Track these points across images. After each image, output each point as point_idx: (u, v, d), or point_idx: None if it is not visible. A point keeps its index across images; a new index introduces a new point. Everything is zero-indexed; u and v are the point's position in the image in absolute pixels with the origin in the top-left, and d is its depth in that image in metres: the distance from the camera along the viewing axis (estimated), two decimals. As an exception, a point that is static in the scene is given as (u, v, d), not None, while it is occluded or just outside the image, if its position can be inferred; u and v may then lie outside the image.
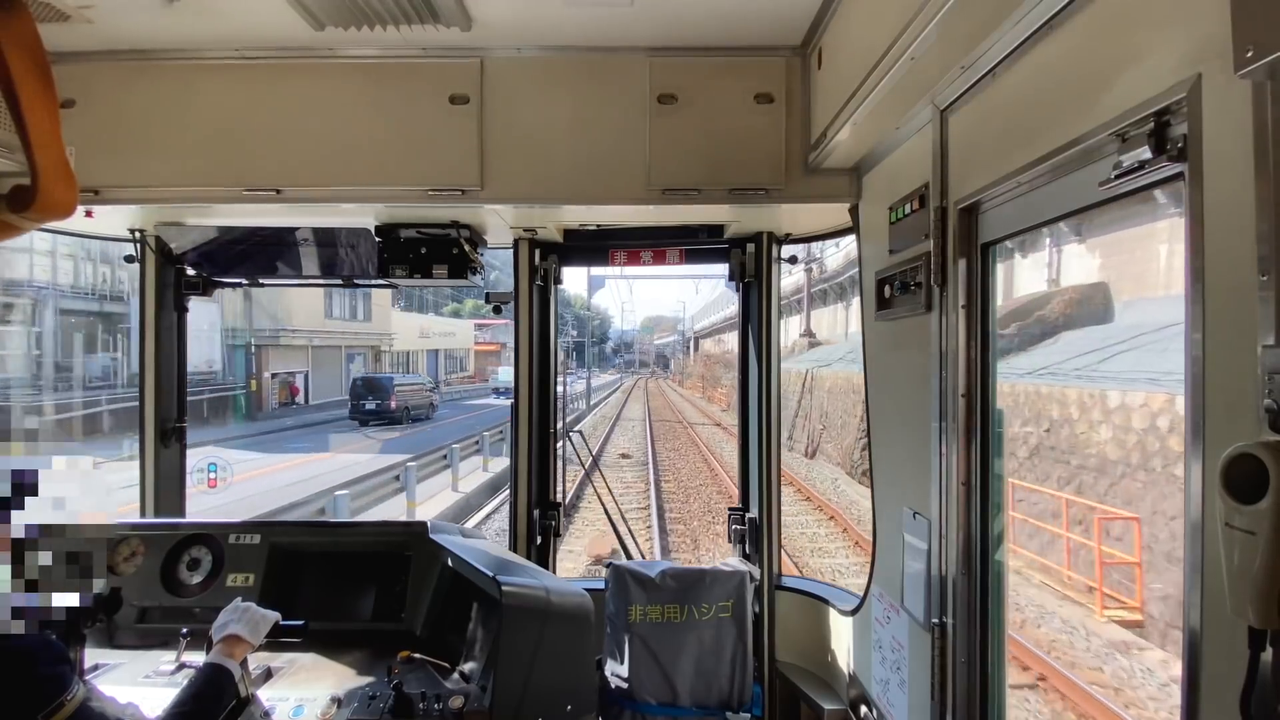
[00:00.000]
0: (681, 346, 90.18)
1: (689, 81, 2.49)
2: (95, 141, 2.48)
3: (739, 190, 2.51)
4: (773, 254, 3.07)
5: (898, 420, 2.24)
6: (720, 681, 2.65)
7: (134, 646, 2.32)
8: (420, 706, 1.93)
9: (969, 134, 1.72)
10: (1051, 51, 1.38)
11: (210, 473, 4.53)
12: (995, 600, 1.77)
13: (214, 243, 2.99)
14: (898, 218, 2.08)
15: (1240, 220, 0.95)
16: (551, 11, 2.26)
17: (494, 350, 60.69)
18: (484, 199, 2.54)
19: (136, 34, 2.41)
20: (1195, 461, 1.03)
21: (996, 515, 1.77)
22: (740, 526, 3.19)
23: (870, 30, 1.81)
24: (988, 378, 1.76)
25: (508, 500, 3.27)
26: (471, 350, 59.81)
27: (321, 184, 2.53)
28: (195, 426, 17.86)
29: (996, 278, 1.78)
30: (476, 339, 61.31)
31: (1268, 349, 0.90)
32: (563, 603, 2.09)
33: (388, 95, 2.51)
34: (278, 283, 3.25)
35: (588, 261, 3.30)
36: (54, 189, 1.45)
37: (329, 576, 2.52)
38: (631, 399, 45.73)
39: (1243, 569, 0.85)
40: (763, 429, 3.09)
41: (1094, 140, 1.25)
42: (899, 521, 2.14)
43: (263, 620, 1.93)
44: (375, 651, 2.24)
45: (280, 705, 1.94)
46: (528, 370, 3.13)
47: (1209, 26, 0.99)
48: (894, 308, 2.14)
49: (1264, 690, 0.87)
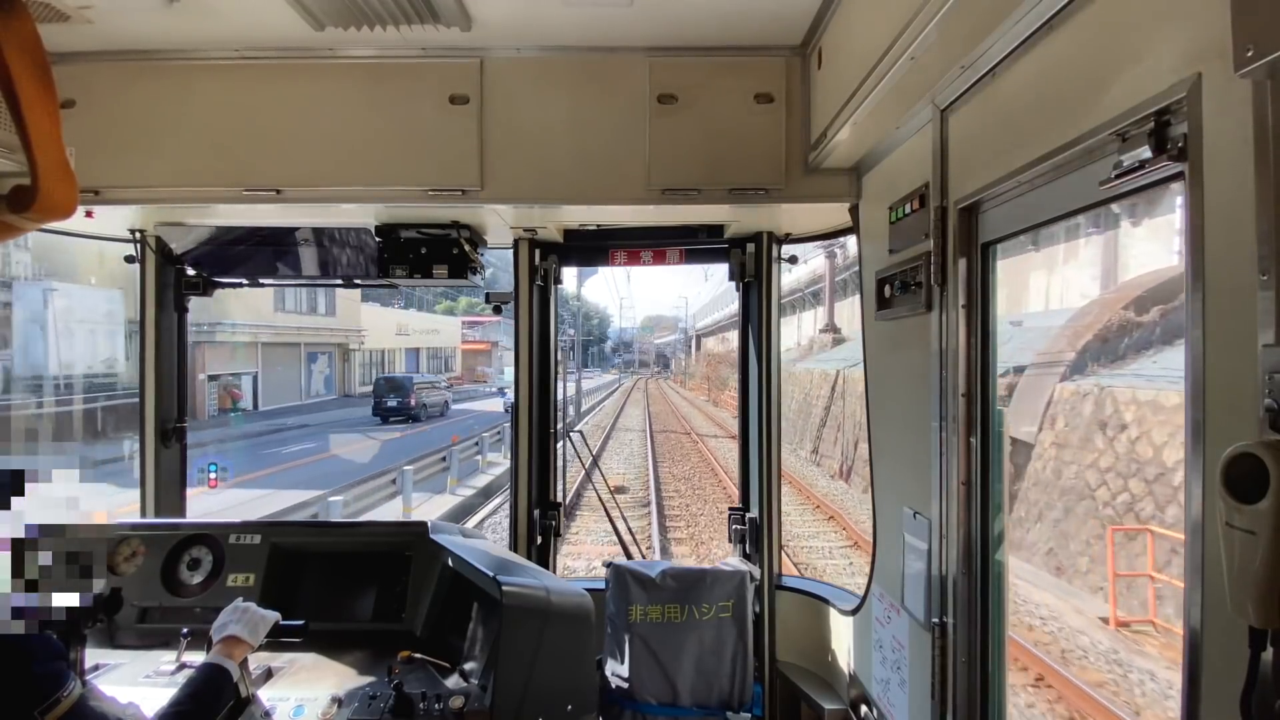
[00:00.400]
0: (683, 345, 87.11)
1: (689, 81, 2.49)
2: (95, 141, 2.48)
3: (739, 190, 2.51)
4: (773, 254, 3.07)
5: (898, 420, 2.24)
6: (721, 681, 2.65)
7: (134, 646, 2.32)
8: (420, 706, 1.93)
9: (969, 134, 1.72)
10: (1051, 51, 1.38)
11: (210, 473, 4.53)
12: (995, 600, 1.77)
13: (214, 243, 2.99)
14: (898, 217, 2.08)
15: (1240, 220, 0.95)
16: (551, 11, 2.26)
17: (484, 350, 58.70)
18: (484, 199, 2.54)
19: (136, 34, 2.41)
20: (1195, 461, 1.03)
21: (996, 515, 1.77)
22: (740, 526, 3.19)
23: (870, 30, 1.81)
24: (988, 378, 1.76)
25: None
26: (458, 349, 57.38)
27: (321, 184, 2.53)
28: (94, 442, 15.75)
29: (996, 277, 1.78)
30: (465, 337, 59.12)
31: (1268, 349, 0.90)
32: (563, 603, 2.09)
33: (388, 95, 2.51)
34: (278, 283, 3.25)
35: (588, 261, 3.30)
36: (54, 189, 1.45)
37: (329, 576, 2.53)
38: (630, 402, 42.36)
39: (1243, 568, 0.85)
40: (763, 429, 3.09)
41: (1094, 140, 1.25)
42: (899, 521, 2.14)
43: (262, 621, 1.93)
44: (375, 651, 2.24)
45: (281, 705, 1.94)
46: (528, 370, 3.13)
47: (1209, 26, 0.99)
48: (894, 307, 2.14)
49: (1264, 690, 0.87)
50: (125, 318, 19.44)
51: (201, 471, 6.02)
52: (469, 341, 59.82)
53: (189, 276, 3.12)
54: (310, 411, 29.56)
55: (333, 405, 33.05)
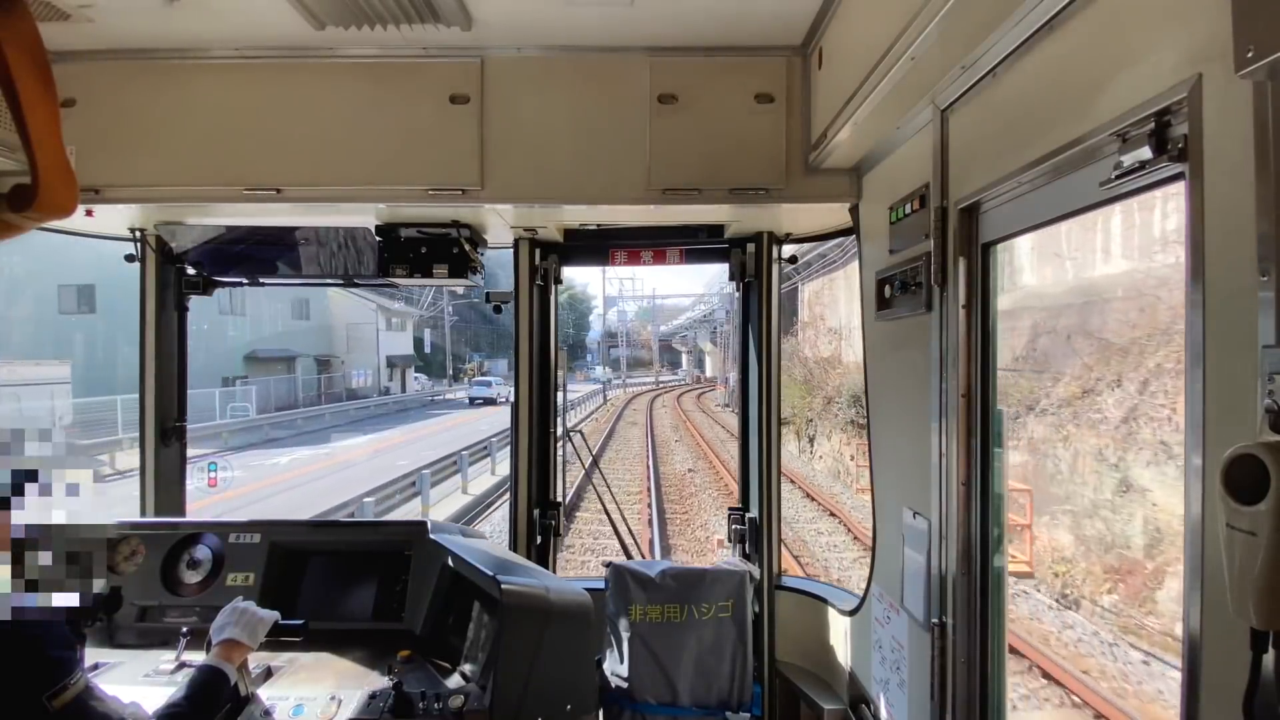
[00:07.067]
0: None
1: (689, 81, 2.49)
2: (95, 141, 2.48)
3: (739, 190, 2.51)
4: (773, 254, 3.07)
5: (898, 420, 2.24)
6: (720, 681, 2.65)
7: (134, 646, 2.32)
8: (420, 706, 1.93)
9: (969, 134, 1.72)
10: (1052, 51, 1.38)
11: (210, 472, 4.53)
12: (995, 600, 1.77)
13: (214, 242, 2.99)
14: (898, 218, 2.08)
15: (1240, 220, 0.95)
16: (552, 11, 2.26)
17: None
18: (484, 199, 2.54)
19: (137, 33, 2.41)
20: (1195, 462, 1.03)
21: (996, 516, 1.77)
22: (740, 526, 3.19)
23: (870, 30, 1.81)
24: (988, 378, 1.76)
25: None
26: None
27: (321, 183, 2.53)
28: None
29: (997, 277, 1.78)
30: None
31: (1268, 349, 0.90)
32: (563, 602, 2.09)
33: (388, 95, 2.51)
34: (278, 282, 3.25)
35: (588, 261, 3.30)
36: (54, 188, 1.45)
37: (329, 576, 2.53)
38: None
39: (1244, 570, 0.85)
40: (763, 429, 3.09)
41: (1094, 140, 1.25)
42: (899, 521, 2.14)
43: (261, 622, 1.93)
44: (375, 651, 2.24)
45: (280, 704, 1.94)
46: (528, 370, 3.13)
47: (1209, 26, 0.99)
48: (894, 308, 2.14)
49: (1267, 692, 0.87)
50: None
51: (201, 471, 6.01)
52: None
53: (189, 276, 3.12)
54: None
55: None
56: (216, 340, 29.82)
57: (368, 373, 42.22)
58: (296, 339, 36.09)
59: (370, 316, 42.83)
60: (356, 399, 37.78)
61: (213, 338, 29.49)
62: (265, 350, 33.79)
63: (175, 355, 3.15)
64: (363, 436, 25.72)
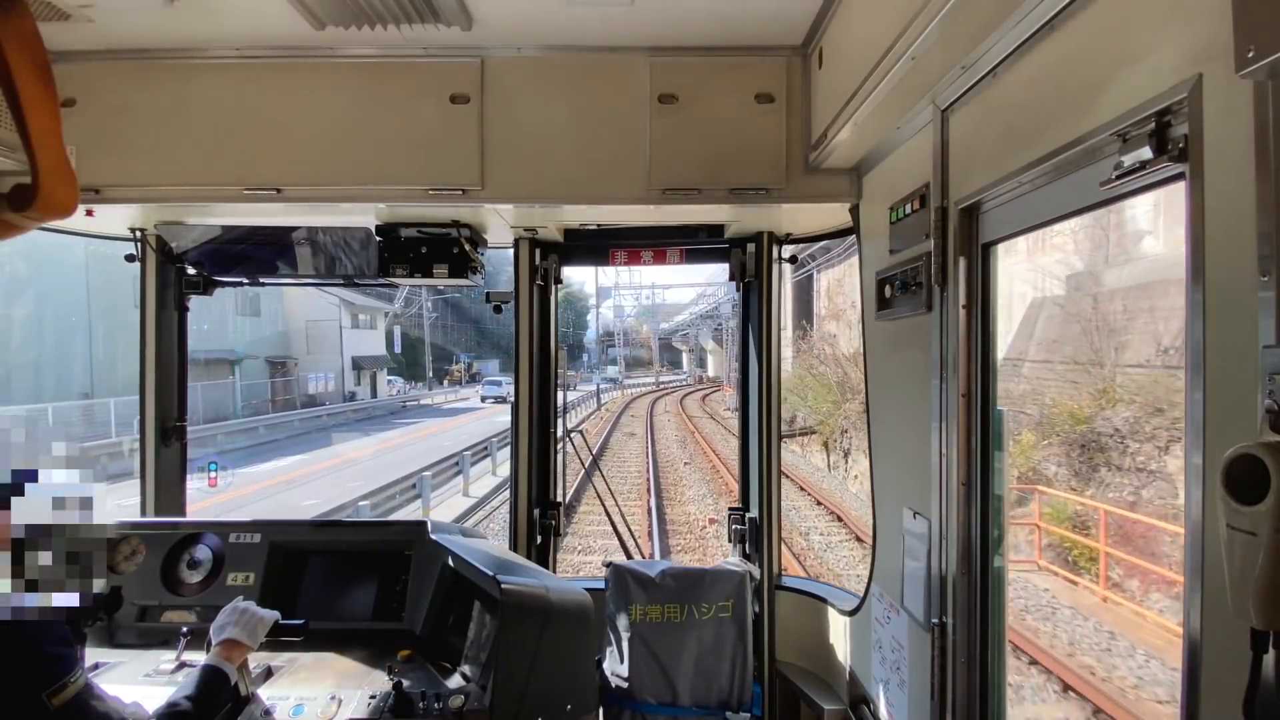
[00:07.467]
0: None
1: (689, 81, 2.49)
2: (96, 140, 2.47)
3: (739, 190, 2.51)
4: (773, 254, 3.07)
5: (898, 420, 2.24)
6: (720, 681, 2.65)
7: (134, 645, 2.32)
8: (420, 706, 1.93)
9: (970, 134, 1.72)
10: (1052, 51, 1.38)
11: (210, 472, 4.53)
12: (995, 600, 1.77)
13: (214, 242, 2.99)
14: (898, 218, 2.08)
15: (1241, 220, 0.94)
16: (552, 11, 2.26)
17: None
18: (484, 198, 2.53)
19: (137, 33, 2.40)
20: (1195, 462, 1.03)
21: (996, 515, 1.77)
22: (740, 526, 3.19)
23: (871, 30, 1.81)
24: (988, 378, 1.76)
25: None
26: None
27: (322, 183, 2.53)
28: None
29: (997, 277, 1.78)
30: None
31: (1268, 349, 0.90)
32: (563, 602, 2.08)
33: (388, 95, 2.51)
34: (279, 281, 3.24)
35: (588, 261, 3.30)
36: (55, 188, 1.45)
37: (329, 575, 2.53)
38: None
39: (1244, 570, 0.84)
40: (763, 429, 3.09)
41: (1095, 140, 1.25)
42: (899, 521, 2.14)
43: (261, 622, 1.93)
44: (375, 651, 2.24)
45: (281, 704, 1.94)
46: (528, 370, 3.13)
47: (1210, 26, 0.99)
48: (894, 307, 2.14)
49: (1267, 692, 0.87)
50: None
51: (200, 470, 6.00)
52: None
53: (189, 275, 3.12)
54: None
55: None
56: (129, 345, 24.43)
57: (330, 376, 36.91)
58: (242, 338, 31.02)
59: (333, 313, 37.59)
60: (316, 406, 32.65)
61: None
62: (198, 351, 26.67)
63: (175, 355, 3.15)
64: (284, 459, 20.06)
